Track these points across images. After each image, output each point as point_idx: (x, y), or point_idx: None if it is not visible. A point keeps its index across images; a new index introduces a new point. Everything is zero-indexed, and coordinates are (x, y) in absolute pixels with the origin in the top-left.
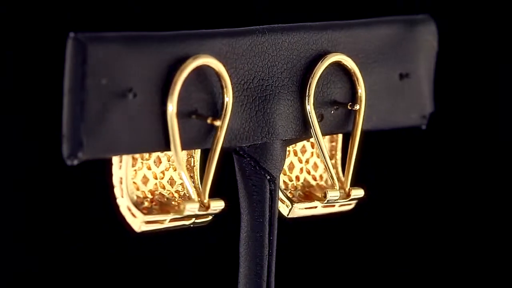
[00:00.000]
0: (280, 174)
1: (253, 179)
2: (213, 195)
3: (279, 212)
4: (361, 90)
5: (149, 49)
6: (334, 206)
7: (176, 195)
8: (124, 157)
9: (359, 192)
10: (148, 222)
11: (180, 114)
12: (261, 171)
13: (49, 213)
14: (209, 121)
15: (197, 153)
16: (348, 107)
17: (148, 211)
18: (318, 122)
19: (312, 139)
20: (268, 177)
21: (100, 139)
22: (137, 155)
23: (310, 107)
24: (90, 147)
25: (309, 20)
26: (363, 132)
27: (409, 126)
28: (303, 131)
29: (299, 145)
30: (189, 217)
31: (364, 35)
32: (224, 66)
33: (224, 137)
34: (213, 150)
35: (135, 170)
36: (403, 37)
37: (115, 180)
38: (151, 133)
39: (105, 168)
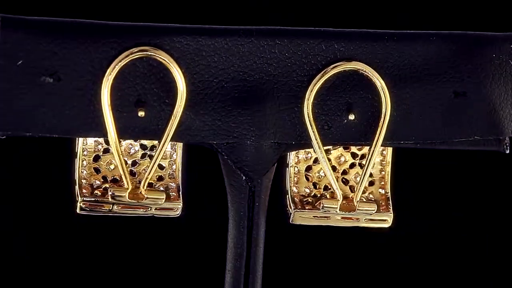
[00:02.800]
0: (263, 176)
1: (231, 179)
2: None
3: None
4: (385, 104)
5: (83, 38)
6: (357, 219)
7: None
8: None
9: (369, 207)
10: (89, 204)
11: (118, 104)
12: (238, 171)
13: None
14: (139, 112)
15: (179, 147)
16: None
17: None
18: (324, 130)
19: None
20: (245, 177)
21: (10, 117)
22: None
23: (308, 113)
24: (5, 124)
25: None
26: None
27: (478, 149)
28: (300, 137)
29: (334, 154)
30: (144, 206)
31: (405, 48)
32: (181, 61)
33: (177, 131)
34: (161, 143)
35: (97, 154)
36: (461, 54)
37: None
38: (79, 118)
39: None
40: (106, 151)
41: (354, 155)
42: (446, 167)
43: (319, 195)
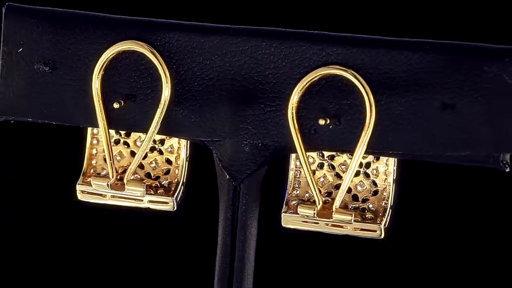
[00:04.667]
0: (249, 176)
1: (219, 177)
2: None
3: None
4: (369, 112)
5: (79, 28)
6: (344, 227)
7: (153, 177)
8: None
9: (344, 217)
10: (87, 192)
11: (109, 96)
12: (223, 169)
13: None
14: (115, 105)
15: (183, 143)
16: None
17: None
18: (310, 134)
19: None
20: (228, 176)
21: (11, 102)
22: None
23: (292, 116)
24: (2, 108)
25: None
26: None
27: (475, 165)
28: (284, 140)
29: (339, 160)
30: (137, 198)
31: (396, 56)
32: (171, 57)
33: (165, 126)
34: (148, 136)
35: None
36: (449, 64)
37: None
38: (74, 106)
39: None
40: (117, 142)
41: (359, 164)
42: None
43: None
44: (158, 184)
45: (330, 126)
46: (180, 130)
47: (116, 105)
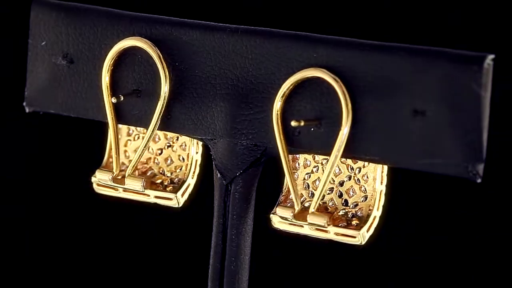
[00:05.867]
0: (239, 176)
1: (214, 175)
2: None
3: None
4: (346, 115)
5: (95, 23)
6: (327, 232)
7: (168, 174)
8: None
9: (317, 220)
10: (101, 185)
11: (116, 90)
12: (215, 167)
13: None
14: (112, 99)
15: (194, 141)
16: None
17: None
18: (294, 136)
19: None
20: (219, 175)
21: (35, 93)
22: (133, 128)
23: (275, 118)
24: (28, 99)
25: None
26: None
27: (438, 173)
28: (271, 141)
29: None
30: (145, 194)
31: (374, 59)
32: (165, 55)
33: (165, 123)
34: (148, 132)
35: (129, 139)
36: (423, 70)
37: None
38: (87, 100)
39: None
40: (137, 137)
41: (349, 168)
42: None
43: (308, 205)
44: (169, 181)
45: (312, 129)
46: (179, 127)
47: (114, 100)
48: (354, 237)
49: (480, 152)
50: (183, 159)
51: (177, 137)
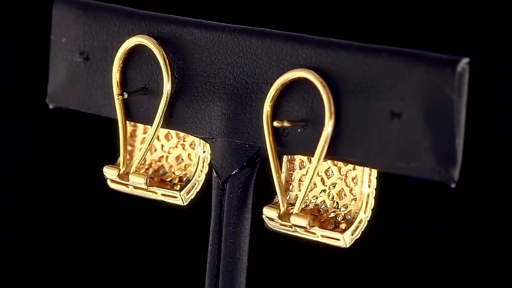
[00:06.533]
0: (233, 176)
1: (212, 173)
2: None
3: None
4: (327, 115)
5: (108, 21)
6: (315, 234)
7: (178, 172)
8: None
9: (299, 221)
10: (115, 182)
11: (127, 87)
12: (212, 166)
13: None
14: (121, 96)
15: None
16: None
17: None
18: (283, 136)
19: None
20: (215, 174)
21: (56, 89)
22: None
23: (265, 118)
24: (50, 96)
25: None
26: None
27: (415, 177)
28: (261, 141)
29: (324, 166)
30: (152, 192)
31: (357, 60)
32: (170, 53)
33: (168, 120)
34: (151, 130)
35: (143, 137)
36: (403, 73)
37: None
38: (101, 97)
39: None
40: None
41: (341, 170)
42: None
43: (303, 206)
44: (178, 179)
45: (299, 130)
46: (181, 126)
47: (117, 97)
48: (338, 239)
49: (453, 157)
50: (192, 158)
51: (188, 136)
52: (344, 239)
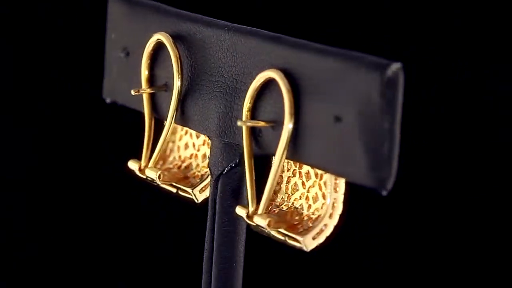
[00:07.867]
0: (224, 175)
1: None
2: None
3: None
4: (287, 116)
5: (144, 18)
6: (282, 235)
7: (202, 170)
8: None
9: (260, 221)
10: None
11: (153, 83)
12: (207, 164)
13: None
14: (132, 92)
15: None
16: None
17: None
18: (259, 137)
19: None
20: (209, 172)
21: (109, 85)
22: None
23: (242, 117)
24: (106, 90)
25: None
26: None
27: (353, 182)
28: (240, 141)
29: (305, 168)
30: (172, 186)
31: (315, 62)
32: (185, 50)
33: (180, 116)
34: (166, 126)
35: (181, 135)
36: (344, 75)
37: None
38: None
39: None
40: (186, 132)
41: (316, 174)
42: None
43: (285, 208)
44: (200, 177)
45: (270, 131)
46: (190, 123)
47: (133, 93)
48: (299, 242)
49: (383, 164)
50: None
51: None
52: (305, 242)
